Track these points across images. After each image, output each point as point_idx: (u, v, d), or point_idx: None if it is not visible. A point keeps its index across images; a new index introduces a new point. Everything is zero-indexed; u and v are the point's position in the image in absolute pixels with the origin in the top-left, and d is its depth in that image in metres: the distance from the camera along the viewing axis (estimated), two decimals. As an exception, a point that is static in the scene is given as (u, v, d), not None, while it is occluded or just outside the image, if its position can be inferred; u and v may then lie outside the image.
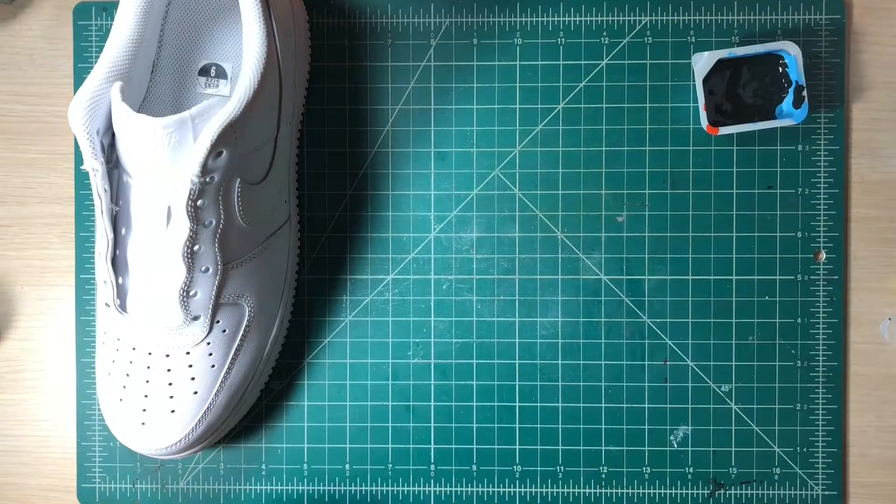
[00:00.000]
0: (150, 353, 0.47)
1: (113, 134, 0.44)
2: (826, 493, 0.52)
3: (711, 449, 0.52)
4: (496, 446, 0.53)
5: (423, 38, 0.53)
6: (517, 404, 0.53)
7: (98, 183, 0.43)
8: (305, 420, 0.53)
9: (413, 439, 0.53)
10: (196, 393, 0.47)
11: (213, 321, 0.46)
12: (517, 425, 0.53)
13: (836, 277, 0.52)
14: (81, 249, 0.53)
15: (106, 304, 0.46)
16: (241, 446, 0.53)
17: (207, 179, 0.42)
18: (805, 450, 0.52)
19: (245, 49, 0.44)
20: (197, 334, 0.46)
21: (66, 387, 0.54)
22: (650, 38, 0.52)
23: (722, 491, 0.52)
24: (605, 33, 0.53)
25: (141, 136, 0.42)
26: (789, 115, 0.50)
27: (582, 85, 0.53)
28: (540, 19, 0.53)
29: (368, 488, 0.53)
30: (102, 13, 0.53)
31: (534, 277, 0.53)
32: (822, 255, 0.52)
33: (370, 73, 0.53)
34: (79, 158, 0.53)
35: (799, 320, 0.52)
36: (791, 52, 0.49)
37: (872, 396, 0.53)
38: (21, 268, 0.54)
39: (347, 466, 0.53)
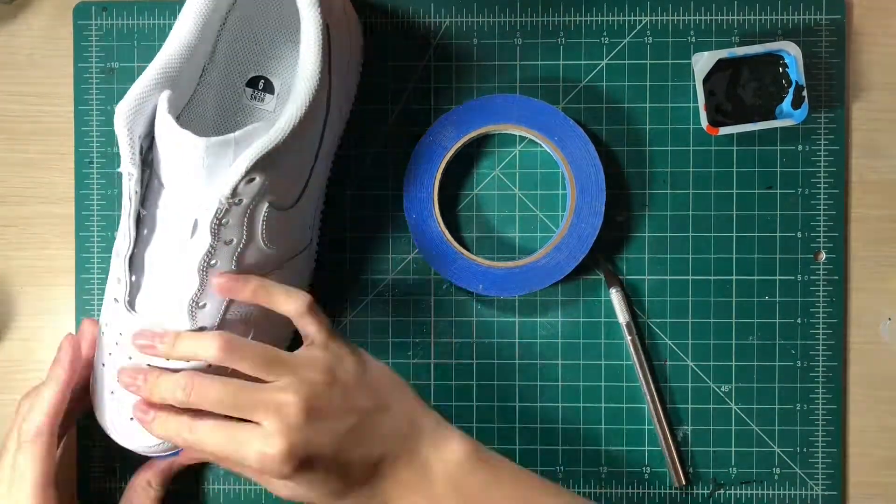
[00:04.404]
0: None
1: (152, 138, 0.44)
2: (826, 493, 0.52)
3: (711, 449, 0.52)
4: (496, 446, 0.53)
5: (424, 38, 0.53)
6: (517, 404, 0.53)
7: (131, 187, 0.43)
8: (305, 420, 0.53)
9: (413, 439, 0.53)
10: None
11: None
12: (517, 425, 0.53)
13: (836, 277, 0.52)
14: (81, 249, 0.53)
15: (115, 299, 0.46)
16: (241, 446, 0.53)
17: (236, 201, 0.42)
18: (805, 450, 0.52)
19: (298, 80, 0.43)
20: None
21: (66, 386, 0.54)
22: (650, 38, 0.52)
23: (722, 491, 0.52)
24: (605, 33, 0.53)
25: (182, 151, 0.41)
26: (789, 115, 0.50)
27: (582, 85, 0.53)
28: (540, 19, 0.53)
29: (368, 488, 0.53)
30: (102, 13, 0.53)
31: (534, 277, 0.53)
32: (822, 255, 0.52)
33: (371, 72, 0.53)
34: (79, 158, 0.53)
35: (799, 320, 0.52)
36: (791, 52, 0.49)
37: (872, 396, 0.53)
38: (21, 268, 0.54)
39: (347, 466, 0.53)
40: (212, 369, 0.45)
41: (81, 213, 0.53)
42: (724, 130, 0.50)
